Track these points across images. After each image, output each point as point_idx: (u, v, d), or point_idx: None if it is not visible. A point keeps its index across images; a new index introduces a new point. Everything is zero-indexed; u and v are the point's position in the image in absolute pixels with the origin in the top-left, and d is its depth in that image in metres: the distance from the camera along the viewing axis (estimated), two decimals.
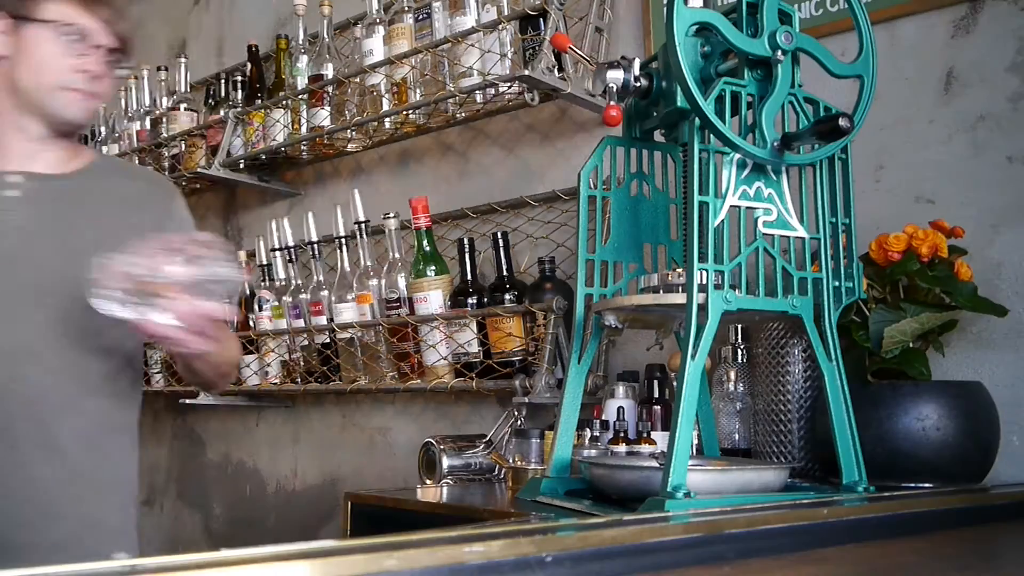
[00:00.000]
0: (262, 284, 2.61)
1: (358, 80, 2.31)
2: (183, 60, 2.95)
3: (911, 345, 1.40)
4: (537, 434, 1.77)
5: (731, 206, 1.21)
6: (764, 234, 1.24)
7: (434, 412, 2.38)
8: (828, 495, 1.23)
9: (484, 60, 2.03)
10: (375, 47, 2.28)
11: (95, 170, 1.55)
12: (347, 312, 2.32)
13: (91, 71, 1.45)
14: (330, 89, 2.40)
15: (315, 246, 2.45)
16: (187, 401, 2.73)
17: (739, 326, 1.64)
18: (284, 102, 2.51)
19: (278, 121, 2.52)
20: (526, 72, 1.89)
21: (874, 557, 0.91)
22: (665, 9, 1.20)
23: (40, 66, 1.44)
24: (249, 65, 2.75)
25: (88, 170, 1.53)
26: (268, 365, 2.55)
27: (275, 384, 2.55)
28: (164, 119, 2.90)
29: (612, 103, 1.30)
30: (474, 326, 2.05)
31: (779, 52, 1.21)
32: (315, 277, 2.46)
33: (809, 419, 1.48)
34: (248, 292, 2.62)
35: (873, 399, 1.35)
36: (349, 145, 2.52)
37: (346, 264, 2.37)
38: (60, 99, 1.44)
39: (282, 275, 2.58)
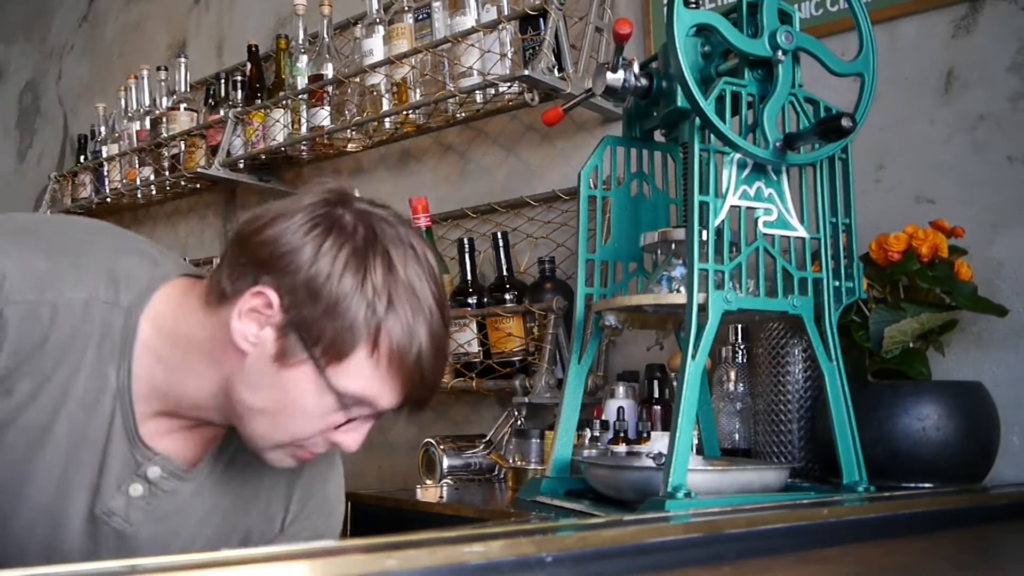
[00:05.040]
0: None
1: (358, 80, 2.30)
2: (183, 60, 2.95)
3: (911, 345, 1.40)
4: (537, 434, 1.77)
5: (731, 206, 1.21)
6: (764, 234, 1.24)
7: (434, 412, 2.38)
8: (828, 495, 1.23)
9: (484, 60, 2.03)
10: (375, 47, 2.28)
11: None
12: None
13: (338, 439, 1.00)
14: (330, 89, 2.40)
15: None
16: None
17: (739, 326, 1.64)
18: (284, 102, 2.51)
19: (278, 121, 2.51)
20: (526, 72, 1.89)
21: (874, 557, 0.91)
22: (665, 9, 1.20)
23: (288, 412, 0.96)
24: (249, 65, 2.75)
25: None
26: None
27: None
28: (164, 119, 2.90)
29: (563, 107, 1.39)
30: (474, 326, 2.05)
31: (779, 52, 1.21)
32: None
33: (809, 419, 1.48)
34: None
35: (873, 399, 1.35)
36: (349, 145, 2.52)
37: None
38: (275, 454, 1.00)
39: None
